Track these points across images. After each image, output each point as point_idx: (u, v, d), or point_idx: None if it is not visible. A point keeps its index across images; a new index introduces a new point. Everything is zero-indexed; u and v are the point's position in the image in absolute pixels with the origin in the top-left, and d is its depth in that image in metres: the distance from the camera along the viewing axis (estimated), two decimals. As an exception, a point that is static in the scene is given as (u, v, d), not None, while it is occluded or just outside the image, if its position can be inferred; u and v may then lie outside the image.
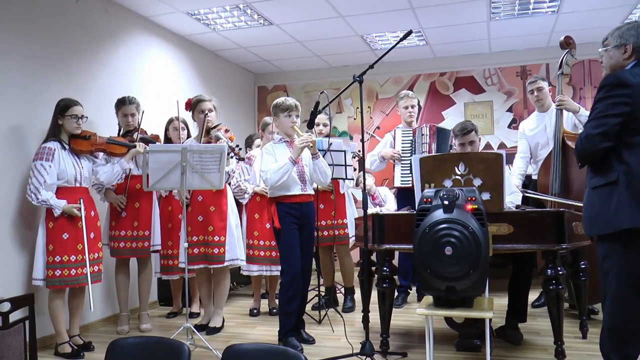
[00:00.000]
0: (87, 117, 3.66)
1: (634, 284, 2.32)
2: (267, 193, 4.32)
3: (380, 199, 5.61)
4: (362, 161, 3.34)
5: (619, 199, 2.31)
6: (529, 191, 4.17)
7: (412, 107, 4.68)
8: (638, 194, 2.28)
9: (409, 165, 4.51)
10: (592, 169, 2.46)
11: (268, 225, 4.38)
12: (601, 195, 2.37)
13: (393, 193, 5.42)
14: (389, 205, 5.49)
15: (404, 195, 4.52)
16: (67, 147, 3.57)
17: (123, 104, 4.05)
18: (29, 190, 3.39)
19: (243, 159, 4.17)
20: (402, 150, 4.60)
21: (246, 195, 4.48)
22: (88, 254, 3.47)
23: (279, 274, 4.38)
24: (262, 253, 4.41)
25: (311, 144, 3.38)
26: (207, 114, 3.91)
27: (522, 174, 4.53)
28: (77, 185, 3.57)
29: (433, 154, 4.36)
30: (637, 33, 2.42)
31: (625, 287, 2.34)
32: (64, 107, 3.55)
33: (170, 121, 4.45)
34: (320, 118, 4.54)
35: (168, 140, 4.44)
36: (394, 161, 4.61)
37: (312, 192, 3.61)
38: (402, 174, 4.57)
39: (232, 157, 3.86)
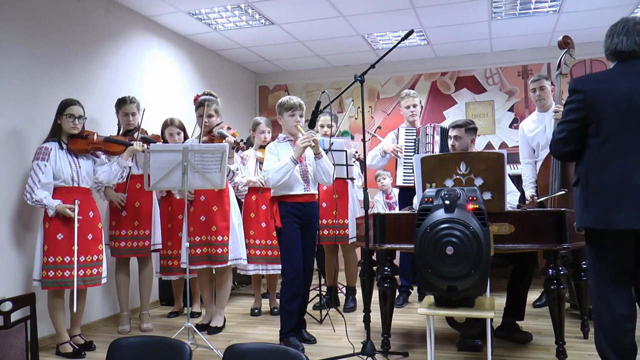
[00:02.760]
0: (86, 118, 3.63)
1: (609, 279, 2.41)
2: (261, 183, 4.29)
3: (395, 200, 5.56)
4: (362, 161, 3.33)
5: (579, 199, 2.45)
6: (542, 197, 4.14)
7: (414, 106, 4.66)
8: (591, 195, 2.39)
9: (412, 164, 4.49)
10: None
11: (264, 224, 4.38)
12: (575, 194, 2.52)
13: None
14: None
15: (407, 195, 4.50)
16: (65, 146, 3.56)
17: (124, 103, 4.04)
18: (25, 190, 3.39)
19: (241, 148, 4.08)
20: (406, 148, 4.58)
21: (241, 188, 4.40)
22: (79, 255, 3.41)
23: (275, 272, 4.39)
24: (258, 252, 4.38)
25: (313, 144, 3.38)
26: (205, 120, 3.90)
27: (532, 182, 4.38)
28: (75, 185, 3.55)
29: (436, 153, 4.35)
30: (606, 40, 2.58)
31: (601, 284, 2.43)
32: (62, 107, 3.54)
33: (165, 125, 4.33)
34: (325, 120, 4.54)
35: (164, 142, 4.41)
36: (395, 157, 4.60)
37: (316, 192, 3.60)
38: (404, 172, 4.56)
39: (236, 151, 3.83)
